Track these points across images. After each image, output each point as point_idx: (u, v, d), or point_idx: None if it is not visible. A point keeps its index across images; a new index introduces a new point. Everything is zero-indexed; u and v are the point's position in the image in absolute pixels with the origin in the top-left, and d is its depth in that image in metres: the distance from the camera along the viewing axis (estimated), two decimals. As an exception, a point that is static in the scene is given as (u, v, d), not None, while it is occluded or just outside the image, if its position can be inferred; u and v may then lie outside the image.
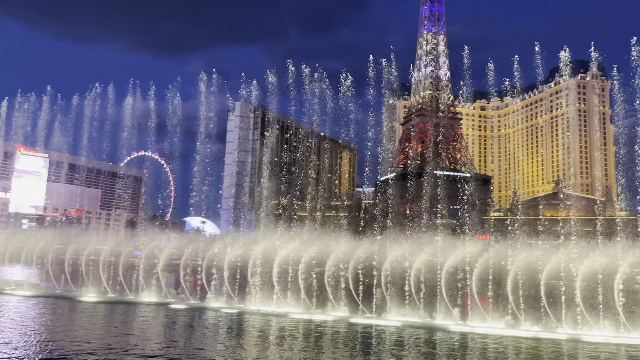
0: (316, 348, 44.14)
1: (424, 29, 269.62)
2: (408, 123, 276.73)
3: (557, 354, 44.90)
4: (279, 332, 52.96)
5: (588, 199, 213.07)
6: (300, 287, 65.63)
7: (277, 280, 66.77)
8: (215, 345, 43.59)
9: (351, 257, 68.15)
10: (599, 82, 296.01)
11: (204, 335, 49.12)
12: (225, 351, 40.04)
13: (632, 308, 53.70)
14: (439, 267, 62.53)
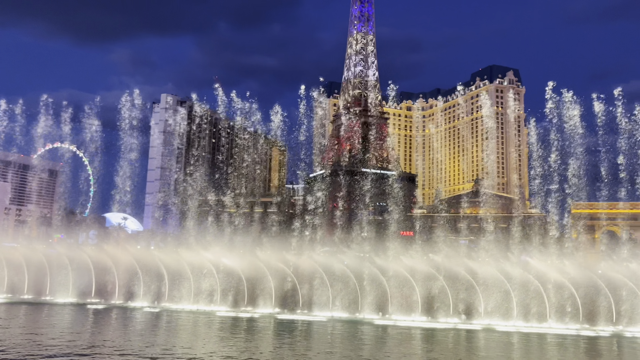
0: (222, 337, 43.87)
1: (353, 29, 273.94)
2: (338, 121, 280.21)
3: (468, 339, 47.31)
4: (194, 325, 52.14)
5: (504, 197, 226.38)
6: (229, 285, 64.40)
7: (205, 278, 65.12)
8: (120, 340, 41.69)
9: (279, 254, 68.11)
10: (514, 87, 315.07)
11: (107, 332, 47.01)
12: (126, 344, 38.33)
13: (535, 300, 57.39)
14: (364, 263, 63.83)
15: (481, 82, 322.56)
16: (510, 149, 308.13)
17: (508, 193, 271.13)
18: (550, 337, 50.67)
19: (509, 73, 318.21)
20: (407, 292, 60.66)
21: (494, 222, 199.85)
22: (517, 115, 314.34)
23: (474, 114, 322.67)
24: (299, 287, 63.25)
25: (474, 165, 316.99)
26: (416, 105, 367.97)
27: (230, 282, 64.32)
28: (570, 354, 43.79)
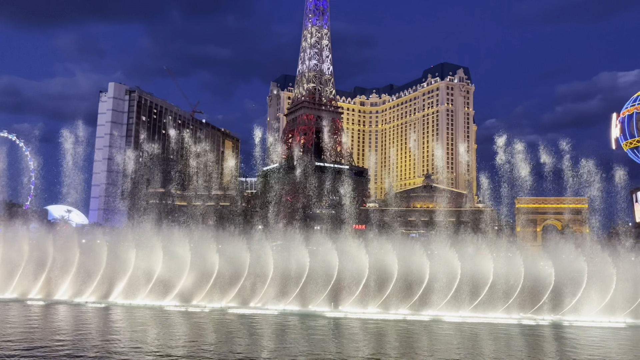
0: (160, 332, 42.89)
1: (308, 22, 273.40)
2: (292, 114, 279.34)
3: (415, 328, 48.33)
4: (132, 321, 50.80)
5: (453, 192, 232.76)
6: (179, 279, 62.95)
7: (156, 271, 63.33)
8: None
9: (234, 248, 67.20)
10: (464, 85, 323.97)
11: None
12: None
13: (481, 291, 59.40)
14: (318, 256, 64.03)
15: (433, 79, 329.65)
16: (459, 145, 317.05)
17: (457, 188, 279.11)
18: (492, 326, 52.52)
19: (459, 71, 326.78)
20: (359, 285, 61.30)
21: (443, 215, 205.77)
22: (466, 112, 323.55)
23: (425, 110, 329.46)
24: (251, 280, 62.72)
25: (425, 161, 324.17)
26: (369, 101, 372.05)
27: (180, 276, 62.90)
28: (502, 340, 45.50)
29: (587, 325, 54.45)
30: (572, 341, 46.05)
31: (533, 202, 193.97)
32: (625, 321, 56.42)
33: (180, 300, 61.72)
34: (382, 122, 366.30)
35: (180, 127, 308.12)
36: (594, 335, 48.98)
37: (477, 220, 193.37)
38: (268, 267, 62.96)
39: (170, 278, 62.79)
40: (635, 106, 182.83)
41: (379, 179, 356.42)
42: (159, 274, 62.87)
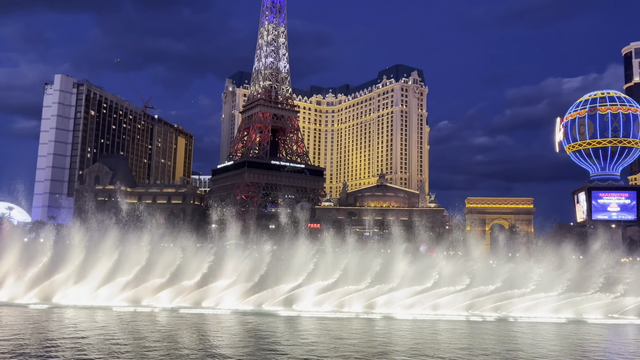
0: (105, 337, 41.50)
1: (265, 19, 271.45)
2: (247, 112, 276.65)
3: (361, 327, 48.80)
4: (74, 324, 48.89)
5: (406, 192, 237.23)
6: (129, 278, 61.12)
7: (105, 272, 61.25)
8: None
9: (186, 246, 66.02)
10: (418, 87, 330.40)
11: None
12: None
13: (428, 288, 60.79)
14: (272, 255, 63.82)
15: (388, 81, 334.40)
16: (412, 146, 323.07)
17: (410, 188, 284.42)
18: (441, 322, 53.77)
19: (414, 73, 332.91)
20: (311, 284, 61.40)
21: (396, 214, 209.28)
22: (419, 113, 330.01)
23: (380, 111, 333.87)
24: (204, 280, 61.69)
25: (379, 161, 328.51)
26: (326, 100, 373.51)
27: (130, 276, 61.03)
28: (451, 333, 46.71)
29: (531, 321, 56.60)
30: (502, 334, 47.75)
31: (482, 202, 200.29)
32: (566, 317, 59.07)
33: (130, 301, 59.92)
34: (338, 122, 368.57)
35: (132, 123, 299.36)
36: (533, 330, 50.96)
37: (429, 219, 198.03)
38: (221, 267, 62.10)
39: (121, 278, 60.93)
40: (578, 111, 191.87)
41: (335, 178, 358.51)
42: (109, 275, 60.95)
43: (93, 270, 61.15)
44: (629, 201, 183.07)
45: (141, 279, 60.95)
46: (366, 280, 60.58)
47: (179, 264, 61.52)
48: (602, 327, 55.63)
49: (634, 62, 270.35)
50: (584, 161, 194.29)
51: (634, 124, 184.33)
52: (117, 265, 61.37)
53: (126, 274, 60.52)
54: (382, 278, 61.33)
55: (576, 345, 44.97)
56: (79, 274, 61.58)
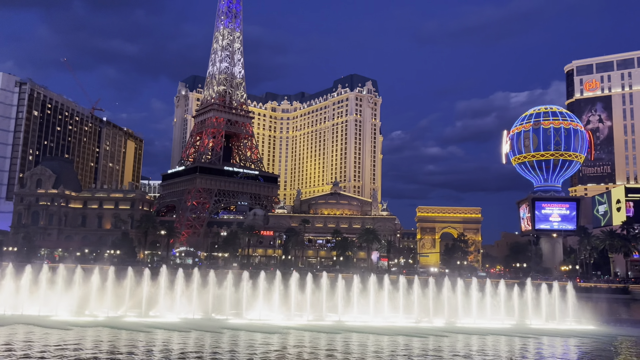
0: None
1: (220, 24, 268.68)
2: (201, 117, 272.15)
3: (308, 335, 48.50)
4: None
5: (359, 200, 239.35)
6: (68, 288, 58.42)
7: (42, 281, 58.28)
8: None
9: (124, 250, 63.79)
10: (372, 97, 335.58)
11: None
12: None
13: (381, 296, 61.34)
14: (216, 260, 62.63)
15: (342, 90, 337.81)
16: (365, 155, 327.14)
17: (363, 196, 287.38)
18: (390, 328, 54.23)
19: (368, 83, 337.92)
20: (262, 293, 60.64)
21: (349, 222, 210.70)
22: (373, 123, 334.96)
23: (335, 119, 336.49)
24: (151, 288, 59.74)
25: (333, 168, 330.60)
26: (281, 107, 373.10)
27: (70, 284, 58.29)
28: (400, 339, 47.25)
29: (477, 327, 57.94)
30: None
31: (432, 211, 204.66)
32: (510, 323, 60.83)
33: (72, 310, 57.14)
34: (293, 129, 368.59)
35: (78, 125, 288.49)
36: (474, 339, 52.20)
37: (381, 227, 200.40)
38: (169, 275, 60.35)
39: (62, 287, 58.15)
40: (523, 125, 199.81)
41: (289, 186, 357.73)
42: (49, 283, 58.05)
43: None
44: (569, 212, 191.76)
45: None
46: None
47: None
48: (542, 333, 57.35)
49: (575, 79, 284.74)
50: (529, 173, 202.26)
51: (574, 138, 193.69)
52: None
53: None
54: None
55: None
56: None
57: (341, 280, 62.36)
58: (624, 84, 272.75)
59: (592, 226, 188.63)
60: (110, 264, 73.47)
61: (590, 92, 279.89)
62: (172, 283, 60.42)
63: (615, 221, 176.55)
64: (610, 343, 51.16)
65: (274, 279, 61.72)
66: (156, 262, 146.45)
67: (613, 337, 54.65)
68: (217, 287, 61.21)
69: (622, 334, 57.56)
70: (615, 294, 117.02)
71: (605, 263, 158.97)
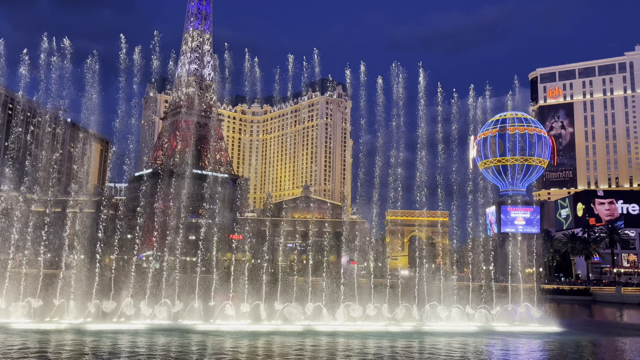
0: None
1: (190, 25, 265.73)
2: (169, 118, 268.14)
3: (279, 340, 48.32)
4: None
5: (329, 204, 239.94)
6: (28, 292, 56.47)
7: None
8: None
9: (88, 255, 62.28)
10: (342, 101, 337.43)
11: None
12: None
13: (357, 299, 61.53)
14: (185, 265, 61.74)
15: (313, 93, 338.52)
16: (336, 159, 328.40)
17: (333, 200, 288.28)
18: (360, 333, 54.42)
19: (338, 87, 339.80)
20: (231, 296, 59.99)
21: (320, 225, 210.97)
22: (343, 127, 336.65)
23: (305, 123, 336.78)
24: (115, 293, 58.27)
25: (303, 172, 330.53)
26: (251, 110, 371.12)
27: (29, 289, 56.34)
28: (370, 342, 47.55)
29: (443, 330, 58.69)
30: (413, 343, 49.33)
31: (401, 214, 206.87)
32: (476, 325, 61.86)
33: (32, 317, 55.19)
34: (263, 132, 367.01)
35: (42, 126, 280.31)
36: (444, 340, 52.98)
37: (351, 231, 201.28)
38: (133, 279, 59.06)
39: (21, 293, 56.13)
40: (490, 130, 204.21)
41: (259, 189, 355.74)
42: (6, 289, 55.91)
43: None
44: (533, 216, 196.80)
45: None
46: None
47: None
48: (508, 335, 58.72)
49: (539, 86, 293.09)
50: (495, 177, 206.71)
51: (538, 144, 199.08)
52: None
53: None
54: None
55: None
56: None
57: (311, 285, 62.26)
58: (585, 92, 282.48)
59: (555, 229, 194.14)
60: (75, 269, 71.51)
61: (553, 99, 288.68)
62: (141, 289, 59.14)
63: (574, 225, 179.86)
64: (573, 344, 52.60)
65: (242, 285, 61.21)
66: (122, 267, 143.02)
67: (576, 339, 56.21)
68: (185, 293, 60.23)
69: (584, 336, 59.26)
70: (577, 295, 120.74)
71: (567, 265, 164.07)
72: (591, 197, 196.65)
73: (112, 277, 60.29)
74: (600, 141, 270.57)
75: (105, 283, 59.21)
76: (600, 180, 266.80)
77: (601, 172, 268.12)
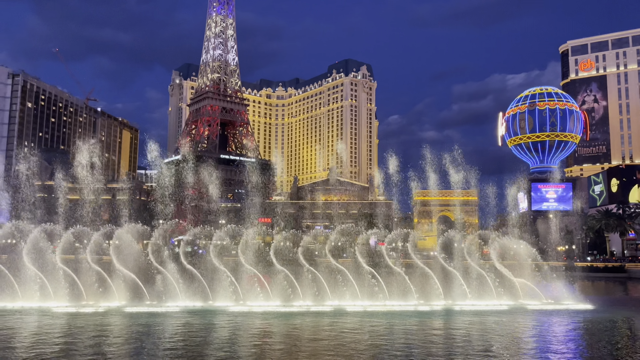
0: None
1: (213, 11, 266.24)
2: (195, 105, 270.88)
3: (314, 320, 49.07)
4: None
5: (356, 185, 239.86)
6: (68, 277, 58.64)
7: (40, 272, 58.40)
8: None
9: (132, 242, 63.95)
10: (367, 82, 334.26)
11: None
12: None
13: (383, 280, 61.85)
14: (225, 249, 62.97)
15: (337, 75, 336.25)
16: (361, 140, 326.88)
17: (359, 181, 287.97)
18: (393, 313, 54.80)
19: (363, 68, 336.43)
20: (262, 279, 61.09)
21: (346, 208, 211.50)
22: (368, 107, 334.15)
23: (330, 105, 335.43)
24: (148, 277, 60.09)
25: (330, 154, 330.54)
26: (276, 94, 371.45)
27: (68, 274, 58.52)
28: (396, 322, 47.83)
29: (475, 309, 58.56)
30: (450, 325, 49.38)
31: (428, 195, 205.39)
32: (508, 304, 61.50)
33: (70, 300, 57.46)
34: (289, 116, 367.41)
35: (73, 116, 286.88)
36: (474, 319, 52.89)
37: (379, 212, 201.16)
38: (167, 263, 60.66)
39: (61, 278, 58.43)
40: (519, 106, 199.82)
41: (285, 172, 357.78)
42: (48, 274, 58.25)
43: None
44: (565, 193, 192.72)
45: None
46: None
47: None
48: (540, 313, 58.22)
49: (570, 59, 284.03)
50: (524, 154, 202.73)
51: (570, 119, 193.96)
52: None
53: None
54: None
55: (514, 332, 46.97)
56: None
57: (339, 267, 62.82)
58: (619, 63, 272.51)
59: (588, 206, 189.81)
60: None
61: (585, 72, 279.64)
62: (172, 272, 60.69)
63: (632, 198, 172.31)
64: (608, 322, 51.85)
65: (271, 267, 62.25)
66: (155, 251, 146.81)
67: (610, 316, 55.35)
68: (216, 275, 61.53)
69: (619, 313, 58.29)
70: (611, 272, 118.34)
71: (602, 243, 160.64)
72: (627, 173, 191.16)
73: (146, 262, 61.98)
74: (635, 114, 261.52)
75: (139, 267, 60.96)
76: (635, 154, 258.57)
77: (636, 146, 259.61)
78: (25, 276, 58.88)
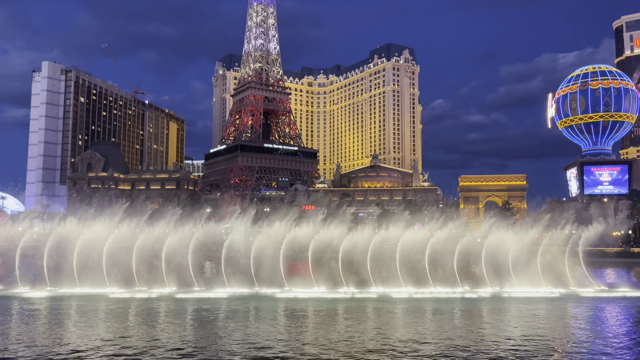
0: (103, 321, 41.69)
1: (254, 0, 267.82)
2: (239, 95, 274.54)
3: (360, 305, 49.34)
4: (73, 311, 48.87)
5: (399, 172, 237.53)
6: (120, 264, 61.32)
7: (101, 260, 61.35)
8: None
9: (182, 232, 65.95)
10: (410, 66, 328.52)
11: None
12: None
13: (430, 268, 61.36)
14: (260, 236, 64.15)
15: (379, 60, 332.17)
16: (404, 125, 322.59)
17: (403, 167, 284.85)
18: (440, 299, 54.42)
19: (405, 52, 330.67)
20: (307, 266, 61.88)
21: (390, 194, 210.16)
22: (411, 92, 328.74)
23: (372, 91, 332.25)
24: (197, 264, 61.93)
25: (372, 141, 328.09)
26: (317, 81, 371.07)
27: (122, 261, 61.19)
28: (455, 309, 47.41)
29: (525, 296, 57.31)
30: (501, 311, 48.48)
31: (475, 180, 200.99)
32: (559, 291, 59.83)
33: (125, 286, 60.13)
34: (330, 103, 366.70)
35: (122, 109, 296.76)
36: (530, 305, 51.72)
37: (423, 198, 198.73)
38: (215, 251, 62.33)
39: (115, 265, 61.17)
40: (570, 87, 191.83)
41: (328, 160, 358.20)
42: (104, 262, 61.07)
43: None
44: (621, 175, 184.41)
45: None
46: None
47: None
48: (594, 300, 56.39)
49: (624, 35, 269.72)
50: (576, 136, 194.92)
51: (625, 98, 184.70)
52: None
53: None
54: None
55: (568, 319, 45.70)
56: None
57: (383, 253, 62.81)
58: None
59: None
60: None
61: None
62: (219, 260, 62.37)
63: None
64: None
65: (317, 255, 62.93)
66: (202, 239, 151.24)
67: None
68: (262, 263, 62.72)
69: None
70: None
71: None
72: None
73: (193, 250, 63.82)
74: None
75: (187, 255, 62.85)
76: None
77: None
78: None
